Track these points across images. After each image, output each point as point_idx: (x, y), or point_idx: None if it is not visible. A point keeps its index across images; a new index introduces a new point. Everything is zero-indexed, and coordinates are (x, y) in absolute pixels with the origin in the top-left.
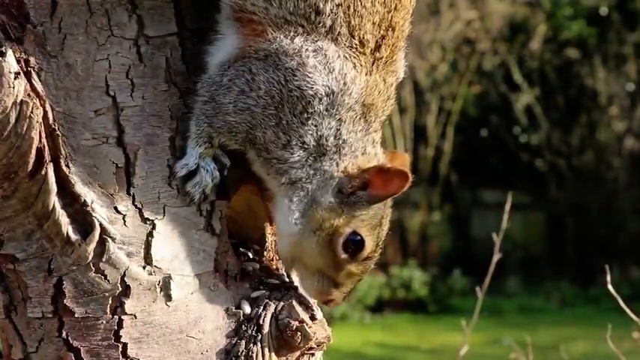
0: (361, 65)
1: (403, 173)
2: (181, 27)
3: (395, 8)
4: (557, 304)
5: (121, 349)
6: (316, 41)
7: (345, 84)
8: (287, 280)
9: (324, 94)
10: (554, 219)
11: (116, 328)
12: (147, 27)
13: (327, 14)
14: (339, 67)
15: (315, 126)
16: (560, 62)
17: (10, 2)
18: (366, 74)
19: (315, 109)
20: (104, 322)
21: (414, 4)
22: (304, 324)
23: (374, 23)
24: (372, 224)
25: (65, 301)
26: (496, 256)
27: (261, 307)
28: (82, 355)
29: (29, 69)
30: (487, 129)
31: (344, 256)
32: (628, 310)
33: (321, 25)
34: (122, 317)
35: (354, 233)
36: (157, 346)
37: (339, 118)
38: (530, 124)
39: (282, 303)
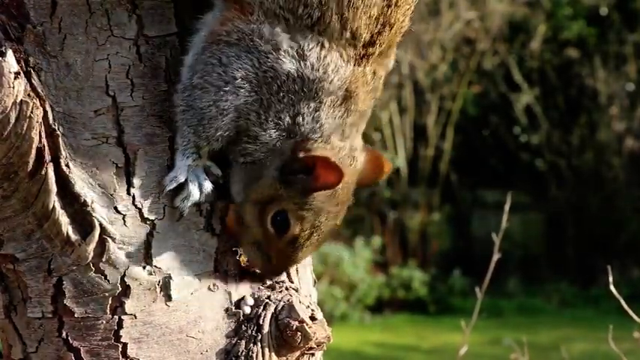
0: (349, 56)
1: (339, 171)
2: (181, 27)
3: (396, 4)
4: (557, 304)
5: (120, 349)
6: (295, 33)
7: (324, 72)
8: (287, 280)
9: (296, 76)
10: (554, 219)
11: (116, 328)
12: (147, 27)
13: (315, 6)
14: (315, 56)
15: (292, 104)
16: (560, 62)
17: (10, 2)
18: (354, 65)
19: (290, 87)
20: (104, 322)
21: (416, 0)
22: (304, 324)
23: (370, 17)
24: (304, 211)
25: (65, 301)
26: (496, 256)
27: (261, 307)
28: (82, 355)
29: (29, 69)
30: (487, 129)
31: (271, 230)
32: (630, 312)
33: (307, 17)
34: (122, 317)
35: (282, 212)
36: (156, 346)
37: (320, 101)
38: (530, 124)
39: (282, 303)
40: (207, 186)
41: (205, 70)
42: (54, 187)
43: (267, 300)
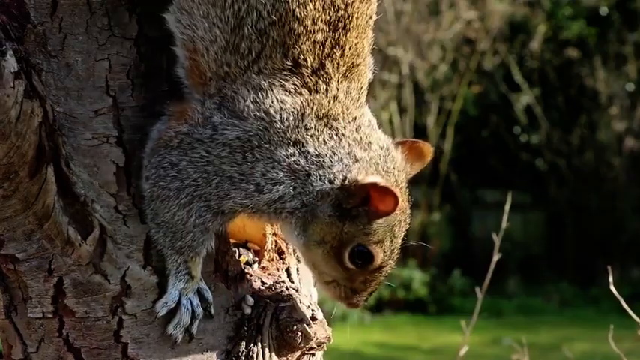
0: (297, 86)
1: (392, 194)
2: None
3: (344, 28)
4: (557, 304)
5: (121, 349)
6: (227, 87)
7: (268, 114)
8: (287, 280)
9: (247, 138)
10: (554, 219)
11: (116, 327)
12: (147, 27)
13: (255, 38)
14: (253, 104)
15: (270, 159)
16: (560, 62)
17: (11, 2)
18: (305, 94)
19: (253, 145)
20: (104, 322)
21: (371, 24)
22: (304, 324)
23: (315, 42)
24: (379, 235)
25: (65, 301)
26: (496, 256)
27: (261, 307)
28: (83, 355)
29: (30, 69)
30: (487, 129)
31: (352, 267)
32: (631, 312)
33: (247, 53)
34: (122, 317)
35: (360, 245)
36: (157, 346)
37: (295, 141)
38: (530, 124)
39: (282, 303)
40: (199, 312)
41: (159, 175)
42: (54, 187)
43: (267, 300)
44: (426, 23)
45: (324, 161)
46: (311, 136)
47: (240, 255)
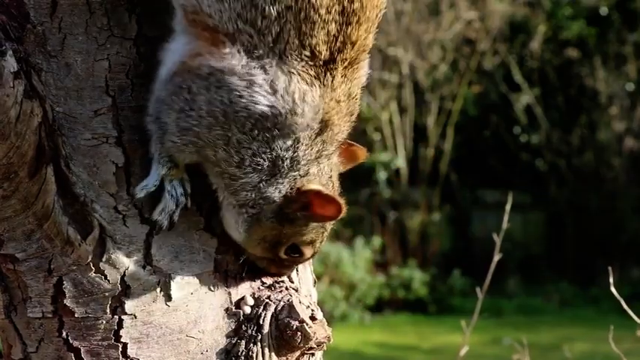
0: (313, 78)
1: (336, 203)
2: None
3: (357, 22)
4: (557, 304)
5: (121, 349)
6: (262, 57)
7: (293, 102)
8: (287, 280)
9: (270, 114)
10: (554, 219)
11: (116, 328)
12: (147, 27)
13: (274, 18)
14: (284, 84)
15: (268, 143)
16: (560, 62)
17: (10, 2)
18: (320, 87)
19: (265, 125)
20: (104, 322)
21: (380, 17)
22: (304, 324)
23: (328, 33)
24: (312, 234)
25: (65, 301)
26: (496, 256)
27: (261, 307)
28: (82, 355)
29: (29, 69)
30: (487, 129)
31: (286, 257)
32: (631, 313)
33: (267, 32)
34: (122, 317)
35: (294, 246)
36: (157, 346)
37: (296, 138)
38: (530, 124)
39: (282, 303)
40: (182, 201)
41: (175, 91)
42: (54, 187)
43: (267, 300)
44: (426, 23)
45: (294, 169)
46: (306, 139)
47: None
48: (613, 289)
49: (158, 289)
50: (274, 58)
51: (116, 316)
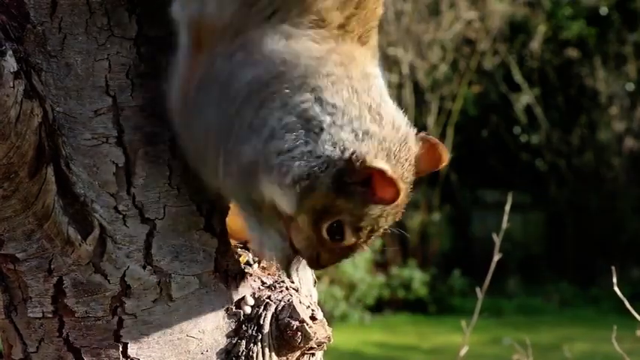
0: (323, 37)
1: (395, 189)
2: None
3: None
4: (557, 304)
5: (121, 349)
6: (248, 32)
7: (294, 58)
8: (287, 280)
9: (263, 80)
10: (554, 219)
11: (116, 327)
12: (147, 27)
13: None
14: (279, 49)
15: (287, 104)
16: (560, 62)
17: (10, 2)
18: (331, 43)
19: (274, 88)
20: (104, 322)
21: None
22: (305, 324)
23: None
24: (363, 221)
25: (65, 300)
26: (496, 256)
27: (262, 307)
28: (83, 355)
29: (29, 69)
30: (487, 129)
31: (327, 237)
32: (634, 312)
33: (267, 4)
34: (122, 317)
35: (338, 222)
36: (157, 346)
37: (314, 87)
38: (530, 124)
39: (282, 303)
40: None
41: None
42: (54, 187)
43: (268, 300)
44: (426, 23)
45: (337, 117)
46: (332, 83)
47: (240, 255)
48: (616, 289)
49: (158, 289)
50: (270, 26)
51: (116, 316)
